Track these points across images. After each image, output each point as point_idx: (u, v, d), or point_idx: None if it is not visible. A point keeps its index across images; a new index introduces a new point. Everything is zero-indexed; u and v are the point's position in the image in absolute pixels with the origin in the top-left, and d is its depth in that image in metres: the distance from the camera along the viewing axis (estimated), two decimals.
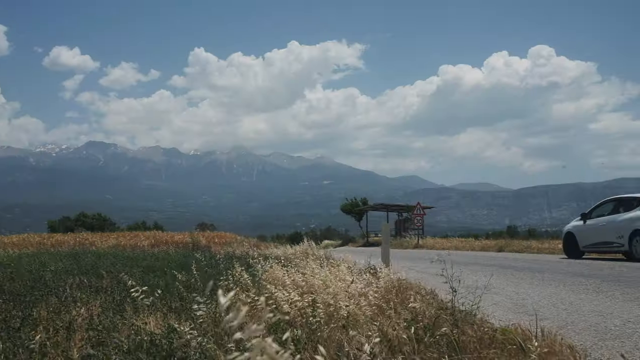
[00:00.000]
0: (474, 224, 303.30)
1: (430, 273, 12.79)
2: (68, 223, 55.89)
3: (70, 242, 30.83)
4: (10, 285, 8.67)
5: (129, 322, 5.78)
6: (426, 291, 7.52)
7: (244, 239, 37.03)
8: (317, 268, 7.65)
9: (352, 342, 3.89)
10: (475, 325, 4.45)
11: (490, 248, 25.85)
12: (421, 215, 37.32)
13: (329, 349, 3.73)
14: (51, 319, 6.04)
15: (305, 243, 18.62)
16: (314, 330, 4.05)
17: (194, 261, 9.78)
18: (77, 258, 15.21)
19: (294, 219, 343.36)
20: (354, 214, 54.53)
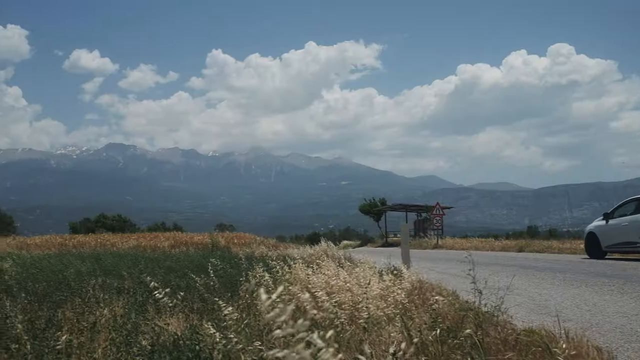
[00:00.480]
0: (494, 224, 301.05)
1: (450, 274, 12.74)
2: (89, 224, 56.46)
3: (91, 243, 31.13)
4: (35, 286, 8.77)
5: (152, 323, 5.82)
6: (448, 292, 7.47)
7: (263, 240, 37.11)
8: (338, 269, 7.65)
9: (375, 343, 3.89)
10: (499, 327, 4.42)
11: (511, 248, 25.64)
12: (440, 215, 37.15)
13: (352, 350, 3.73)
14: (76, 319, 6.11)
15: (323, 244, 18.61)
16: (338, 331, 4.04)
17: (209, 264, 9.82)
18: (99, 259, 15.35)
19: (312, 219, 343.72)
20: (372, 215, 54.40)
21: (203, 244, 30.36)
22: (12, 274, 9.86)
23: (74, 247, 29.14)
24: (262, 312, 1.64)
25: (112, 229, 50.89)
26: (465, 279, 10.23)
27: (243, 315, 5.55)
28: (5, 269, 10.24)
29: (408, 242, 12.31)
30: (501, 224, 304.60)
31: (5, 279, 9.12)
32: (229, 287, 7.85)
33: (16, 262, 12.34)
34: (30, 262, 13.71)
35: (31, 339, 4.38)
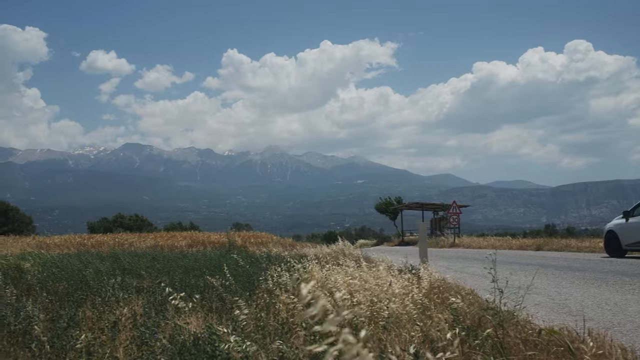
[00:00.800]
0: (511, 223, 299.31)
1: (468, 272, 12.68)
2: (107, 224, 56.89)
3: (109, 242, 31.35)
4: (56, 285, 8.85)
5: (171, 322, 5.86)
6: (466, 291, 7.43)
7: (279, 239, 37.17)
8: (356, 268, 7.64)
9: (395, 342, 3.88)
10: (520, 326, 4.39)
11: (528, 247, 25.44)
12: (457, 214, 36.95)
13: (372, 349, 3.72)
14: (96, 318, 6.16)
15: (340, 243, 18.58)
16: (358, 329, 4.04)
17: (226, 263, 9.85)
18: (117, 258, 15.45)
19: (328, 218, 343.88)
20: (388, 213, 54.24)
21: (220, 244, 30.45)
22: (33, 273, 9.96)
23: (93, 246, 29.37)
24: (300, 308, 1.64)
25: (129, 228, 51.23)
26: (484, 278, 10.17)
27: (262, 314, 5.56)
28: (26, 268, 10.35)
29: (426, 241, 12.26)
30: (518, 223, 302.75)
31: (28, 279, 9.20)
32: (247, 287, 7.87)
33: (37, 262, 12.47)
34: (51, 261, 13.83)
35: (53, 338, 4.42)
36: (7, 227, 51.53)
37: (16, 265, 11.05)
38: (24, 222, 57.90)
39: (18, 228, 51.89)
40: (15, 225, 54.08)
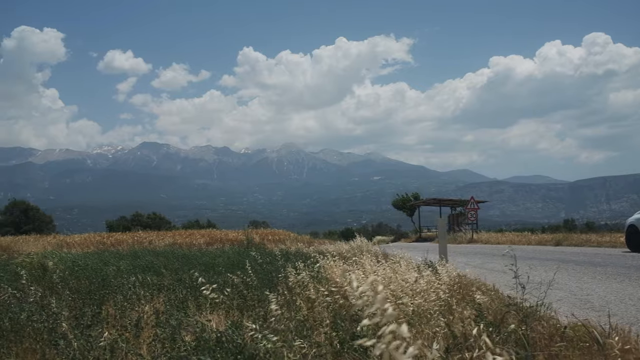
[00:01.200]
0: (529, 218, 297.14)
1: (487, 268, 12.62)
2: (125, 222, 57.35)
3: (128, 241, 31.58)
4: (78, 283, 8.95)
5: (194, 319, 5.90)
6: (487, 287, 7.40)
7: (297, 236, 37.23)
8: (375, 264, 7.64)
9: (418, 338, 3.87)
10: (544, 322, 4.37)
11: (548, 242, 25.24)
12: (475, 209, 36.77)
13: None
14: (119, 316, 6.22)
15: (358, 239, 18.56)
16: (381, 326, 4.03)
17: (247, 260, 9.89)
18: (137, 257, 15.57)
19: (345, 215, 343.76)
20: (405, 210, 54.17)
21: (238, 241, 30.56)
22: (56, 272, 10.08)
23: (112, 245, 29.61)
24: (351, 300, 1.65)
25: (148, 226, 51.67)
26: (504, 274, 10.11)
27: (283, 311, 5.58)
28: (49, 266, 10.47)
29: (446, 237, 12.21)
30: (536, 218, 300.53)
31: (51, 277, 9.31)
32: (267, 284, 7.90)
33: (59, 260, 12.62)
34: (72, 260, 13.98)
35: (78, 335, 4.47)
36: (27, 226, 52.15)
37: (40, 263, 11.19)
38: (44, 221, 58.49)
39: (38, 227, 52.45)
40: (36, 224, 54.68)
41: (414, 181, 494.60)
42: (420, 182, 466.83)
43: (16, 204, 58.23)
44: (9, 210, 57.15)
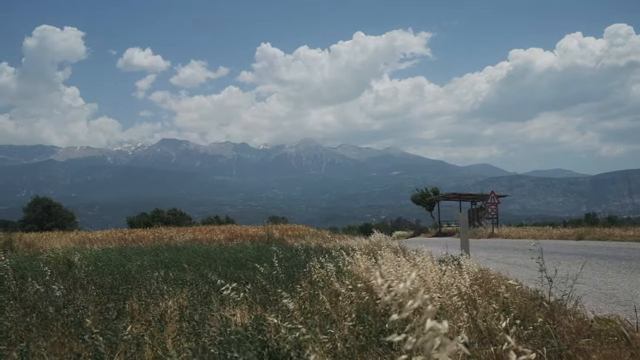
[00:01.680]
0: (549, 212, 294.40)
1: (509, 263, 12.54)
2: (146, 219, 57.70)
3: (149, 237, 31.79)
4: (101, 279, 9.05)
5: (217, 314, 5.94)
6: (510, 281, 7.35)
7: (316, 231, 37.24)
8: (398, 259, 7.62)
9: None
10: (570, 316, 4.33)
11: (569, 236, 25.00)
12: (495, 204, 36.49)
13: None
14: (143, 310, 6.28)
15: (377, 234, 18.53)
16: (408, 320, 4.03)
17: (271, 254, 9.90)
18: (159, 252, 15.69)
19: (364, 210, 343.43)
20: (425, 204, 53.89)
21: (258, 237, 30.67)
22: (81, 267, 10.20)
23: (133, 241, 29.83)
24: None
25: (168, 222, 51.91)
26: (526, 268, 10.04)
27: (305, 305, 5.59)
28: (74, 262, 10.60)
29: (467, 232, 12.14)
30: (557, 212, 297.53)
31: (76, 273, 9.42)
32: (290, 278, 7.92)
33: (84, 256, 12.75)
34: (95, 255, 14.14)
35: (104, 329, 4.53)
36: (50, 223, 52.79)
37: (65, 259, 11.33)
38: (66, 218, 59.12)
39: (61, 224, 53.07)
40: (58, 221, 55.31)
41: (433, 176, 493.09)
42: (440, 177, 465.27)
43: (39, 201, 58.93)
44: (32, 208, 57.86)
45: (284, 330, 3.64)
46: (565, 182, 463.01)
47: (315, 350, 3.46)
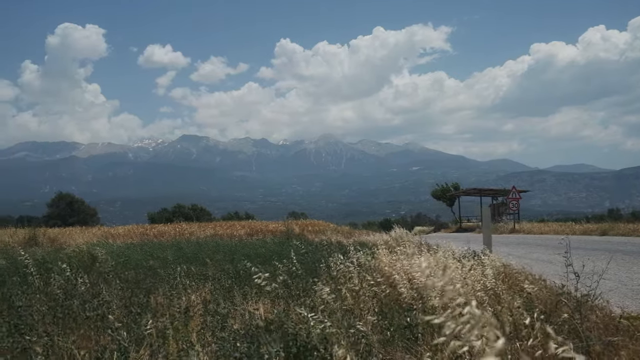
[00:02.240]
0: (572, 208, 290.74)
1: (532, 258, 12.44)
2: (167, 214, 58.09)
3: (170, 232, 31.97)
4: (126, 273, 9.14)
5: (241, 308, 5.98)
6: (533, 277, 7.29)
7: (336, 227, 37.24)
8: (421, 254, 7.60)
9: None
10: (597, 311, 4.29)
11: (593, 232, 24.71)
12: (517, 199, 36.20)
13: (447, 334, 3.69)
14: (167, 305, 6.34)
15: (397, 229, 18.46)
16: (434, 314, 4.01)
17: (291, 249, 9.92)
18: (180, 247, 15.81)
19: (384, 206, 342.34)
20: (445, 200, 53.64)
21: (278, 232, 30.72)
22: (107, 261, 10.32)
23: (155, 236, 30.02)
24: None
25: (189, 218, 52.19)
26: (549, 264, 9.95)
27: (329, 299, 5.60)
28: (98, 256, 10.72)
29: (490, 227, 12.06)
30: (579, 207, 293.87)
31: (98, 267, 9.53)
32: (311, 273, 7.94)
33: (107, 251, 12.89)
34: (118, 251, 14.29)
35: (131, 323, 4.58)
36: (73, 218, 53.35)
37: (89, 254, 11.46)
38: (88, 213, 59.75)
39: (83, 219, 53.61)
40: (81, 216, 55.90)
41: (454, 171, 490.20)
42: (460, 172, 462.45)
43: (62, 197, 59.61)
44: (56, 203, 58.57)
45: (312, 322, 3.64)
46: (588, 177, 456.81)
47: (342, 345, 3.47)
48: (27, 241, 21.20)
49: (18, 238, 22.12)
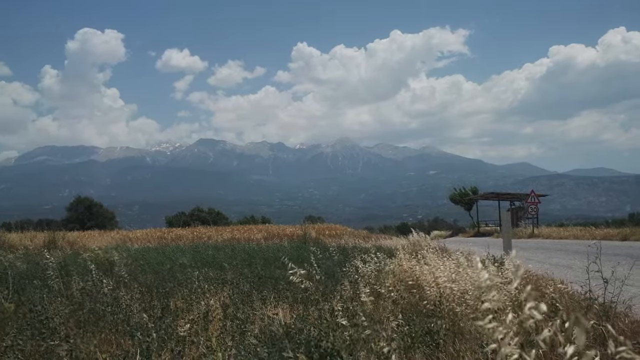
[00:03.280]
0: (591, 212, 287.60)
1: (552, 263, 12.31)
2: (184, 218, 58.33)
3: (188, 236, 32.16)
4: (144, 277, 9.18)
5: (260, 313, 5.98)
6: (555, 282, 7.21)
7: (353, 231, 37.18)
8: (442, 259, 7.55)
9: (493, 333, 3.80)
10: (623, 318, 4.23)
11: (613, 237, 24.40)
12: (535, 203, 35.90)
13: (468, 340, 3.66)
14: (186, 309, 6.36)
15: (415, 234, 18.39)
16: (455, 321, 3.99)
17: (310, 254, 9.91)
18: (198, 251, 15.86)
19: (401, 210, 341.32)
20: (463, 204, 53.32)
21: (295, 236, 30.73)
22: (123, 265, 10.37)
23: (172, 240, 30.20)
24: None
25: (206, 222, 52.37)
26: (569, 269, 9.84)
27: (348, 305, 5.58)
28: (116, 260, 10.77)
29: (510, 232, 11.96)
30: (599, 212, 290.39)
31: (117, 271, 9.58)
32: (330, 278, 7.92)
33: (127, 254, 12.98)
34: (136, 254, 14.37)
35: (155, 327, 4.59)
36: (91, 222, 53.78)
37: (107, 258, 11.53)
38: (107, 217, 60.11)
39: (102, 223, 54.01)
40: (99, 220, 56.29)
41: (471, 175, 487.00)
42: (477, 176, 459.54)
43: (80, 200, 60.09)
44: (74, 207, 59.03)
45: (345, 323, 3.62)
46: (608, 180, 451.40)
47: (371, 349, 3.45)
48: (47, 245, 21.39)
49: (38, 242, 22.34)
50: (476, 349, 3.61)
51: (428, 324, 4.05)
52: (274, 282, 8.36)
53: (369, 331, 3.55)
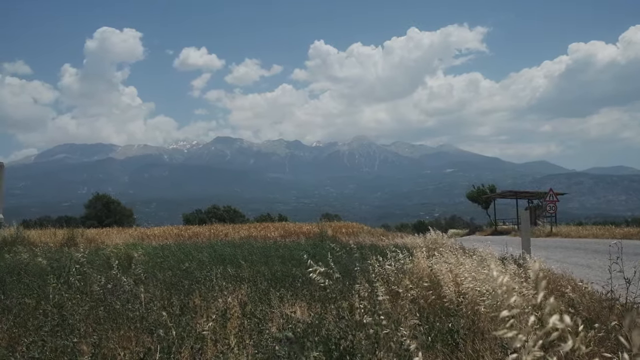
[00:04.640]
0: (611, 211, 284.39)
1: (570, 263, 12.22)
2: (201, 215, 58.69)
3: (205, 233, 32.24)
4: (163, 274, 9.24)
5: (278, 311, 5.99)
6: (575, 282, 7.15)
7: (370, 229, 37.10)
8: (460, 258, 7.52)
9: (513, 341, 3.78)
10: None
11: (633, 236, 24.16)
12: (554, 202, 35.62)
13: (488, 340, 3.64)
14: (205, 307, 6.39)
15: (433, 232, 18.31)
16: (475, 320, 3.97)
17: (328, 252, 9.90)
18: (215, 249, 15.91)
19: (418, 208, 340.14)
20: (481, 202, 53.07)
21: (312, 234, 30.70)
22: (145, 262, 10.46)
23: (190, 237, 30.29)
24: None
25: (223, 219, 52.61)
26: (589, 269, 9.77)
27: (365, 303, 5.56)
28: (135, 258, 10.85)
29: (529, 230, 11.88)
30: (618, 210, 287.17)
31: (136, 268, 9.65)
32: (347, 276, 7.90)
33: (145, 252, 13.08)
34: (154, 252, 14.47)
35: (175, 325, 4.62)
36: (109, 219, 54.25)
37: (127, 254, 11.62)
38: (124, 214, 60.60)
39: (119, 220, 54.43)
40: (117, 217, 56.76)
41: (489, 173, 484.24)
42: (495, 175, 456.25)
43: (99, 198, 60.64)
44: (93, 204, 59.59)
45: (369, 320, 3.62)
46: (628, 179, 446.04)
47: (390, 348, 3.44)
48: (66, 241, 21.61)
49: (57, 239, 22.57)
50: (496, 349, 3.59)
51: (447, 323, 4.03)
52: (291, 279, 8.37)
53: (388, 330, 3.54)
